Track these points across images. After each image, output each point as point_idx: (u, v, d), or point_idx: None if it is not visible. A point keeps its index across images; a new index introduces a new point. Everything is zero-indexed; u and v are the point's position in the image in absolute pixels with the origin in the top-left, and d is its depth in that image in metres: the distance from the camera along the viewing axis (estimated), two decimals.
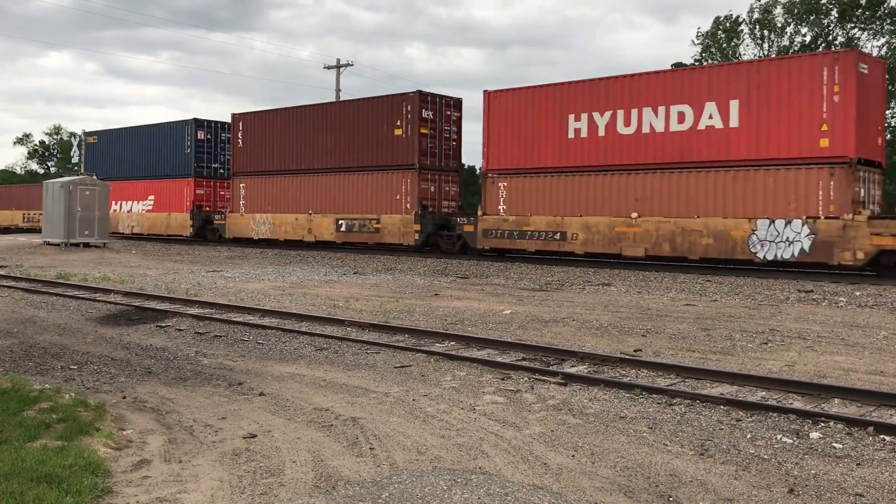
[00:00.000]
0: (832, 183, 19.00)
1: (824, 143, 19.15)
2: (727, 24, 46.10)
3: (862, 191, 19.36)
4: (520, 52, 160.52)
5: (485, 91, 25.79)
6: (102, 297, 15.46)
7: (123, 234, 39.92)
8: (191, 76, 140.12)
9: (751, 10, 45.89)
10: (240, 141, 34.01)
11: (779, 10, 44.25)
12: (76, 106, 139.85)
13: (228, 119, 35.44)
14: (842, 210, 18.88)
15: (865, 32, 42.39)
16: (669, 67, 29.88)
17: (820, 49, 40.94)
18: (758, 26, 45.35)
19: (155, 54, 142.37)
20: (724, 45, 45.71)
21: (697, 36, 48.34)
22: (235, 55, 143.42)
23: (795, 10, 43.18)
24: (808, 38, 43.88)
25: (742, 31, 46.05)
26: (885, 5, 40.99)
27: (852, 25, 42.90)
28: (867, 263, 18.82)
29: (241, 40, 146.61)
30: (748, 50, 45.70)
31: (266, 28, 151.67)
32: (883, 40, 41.79)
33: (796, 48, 43.55)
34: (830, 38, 43.01)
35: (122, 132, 41.10)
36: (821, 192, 19.16)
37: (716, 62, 43.66)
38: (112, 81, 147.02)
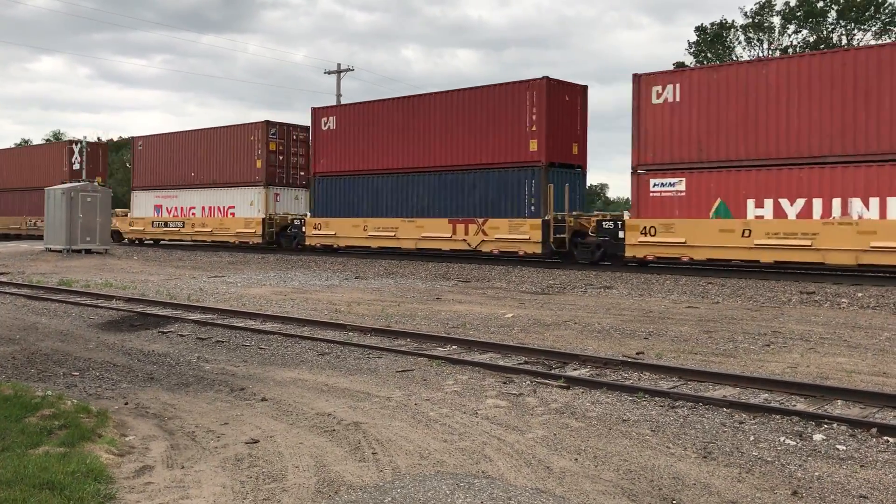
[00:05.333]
0: None
1: None
2: (716, 29, 45.98)
3: None
4: (517, 52, 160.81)
5: None
6: (104, 304, 15.47)
7: None
8: (185, 80, 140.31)
9: (747, 16, 45.75)
10: None
11: (776, 19, 44.21)
12: (71, 111, 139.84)
13: None
14: None
15: (868, 32, 42.31)
16: None
17: (822, 48, 40.86)
18: (751, 30, 45.26)
19: (147, 58, 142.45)
20: (719, 47, 45.59)
21: (695, 37, 48.12)
22: (229, 58, 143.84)
23: (795, 15, 43.14)
24: (811, 39, 43.81)
25: (733, 36, 45.89)
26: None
27: (853, 25, 42.84)
28: None
29: (234, 43, 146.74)
30: (744, 52, 45.68)
31: (259, 29, 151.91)
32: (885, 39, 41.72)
33: (797, 48, 43.51)
34: (833, 39, 43.00)
35: None
36: None
37: None
38: (106, 86, 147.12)
